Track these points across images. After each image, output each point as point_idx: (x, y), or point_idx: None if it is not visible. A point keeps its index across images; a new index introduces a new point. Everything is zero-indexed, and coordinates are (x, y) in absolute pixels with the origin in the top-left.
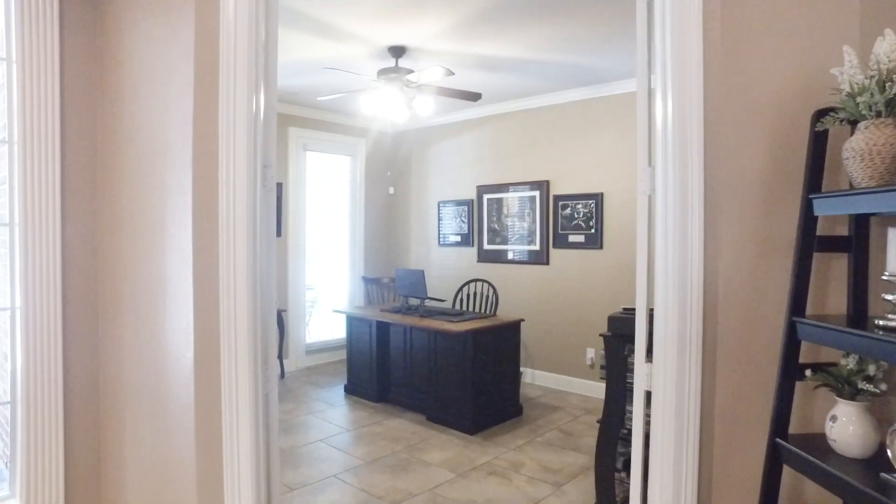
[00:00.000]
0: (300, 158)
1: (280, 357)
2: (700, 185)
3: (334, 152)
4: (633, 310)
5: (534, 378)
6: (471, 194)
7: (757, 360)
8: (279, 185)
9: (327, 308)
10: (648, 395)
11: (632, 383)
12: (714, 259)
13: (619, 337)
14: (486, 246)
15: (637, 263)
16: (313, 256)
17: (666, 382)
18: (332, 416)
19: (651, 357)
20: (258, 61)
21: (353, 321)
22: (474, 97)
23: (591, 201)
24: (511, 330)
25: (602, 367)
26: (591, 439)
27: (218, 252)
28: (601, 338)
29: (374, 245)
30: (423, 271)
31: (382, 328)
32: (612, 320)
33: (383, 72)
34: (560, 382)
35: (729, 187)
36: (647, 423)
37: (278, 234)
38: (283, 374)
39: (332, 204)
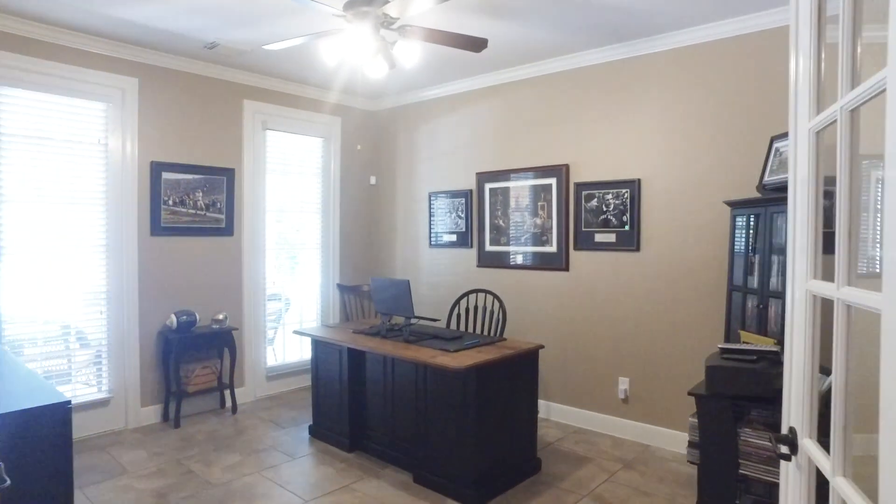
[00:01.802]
0: (258, 139)
1: (230, 386)
2: None
3: (303, 133)
4: (746, 352)
5: (549, 412)
6: (469, 183)
7: None
8: (229, 172)
9: (295, 323)
10: None
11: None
12: None
13: (726, 399)
14: (489, 247)
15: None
16: (276, 260)
17: None
18: (289, 475)
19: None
20: None
21: (319, 346)
22: (478, 45)
23: (624, 190)
24: (527, 362)
25: (690, 444)
26: None
27: None
28: (693, 396)
29: (351, 246)
30: (407, 282)
31: (356, 357)
32: (716, 372)
33: (352, 4)
34: (584, 419)
35: None
36: None
37: (229, 232)
38: (234, 409)
39: (301, 196)
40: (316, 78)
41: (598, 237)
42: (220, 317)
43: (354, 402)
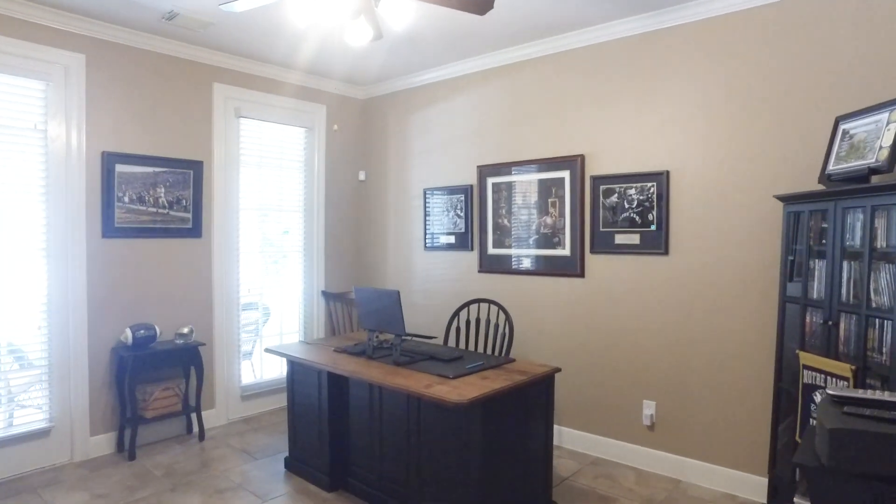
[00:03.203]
0: (231, 128)
1: (197, 410)
2: None
3: (282, 121)
4: (877, 403)
5: (562, 439)
6: (469, 178)
7: None
8: (196, 165)
9: (274, 335)
10: None
11: None
12: None
13: (860, 479)
14: (492, 250)
15: None
16: (252, 264)
17: None
18: None
19: None
20: None
21: (295, 366)
22: (482, 5)
23: (650, 184)
24: (541, 389)
25: None
26: None
27: None
28: (800, 467)
29: (338, 248)
30: (396, 294)
31: (337, 382)
32: (846, 439)
33: None
34: (602, 448)
35: None
36: None
37: (197, 233)
38: (201, 435)
39: (280, 192)
40: (295, 59)
41: (619, 238)
42: (185, 330)
43: (336, 432)
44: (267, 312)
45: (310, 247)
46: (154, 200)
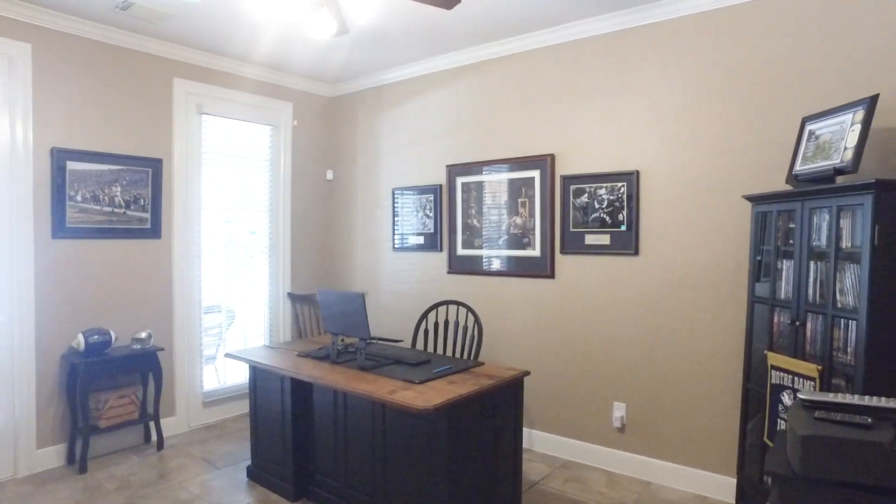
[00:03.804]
0: (193, 125)
1: (155, 418)
2: None
3: (247, 119)
4: (848, 408)
5: (532, 442)
6: (439, 178)
7: None
8: (155, 163)
9: (239, 339)
10: None
11: None
12: None
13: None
14: (461, 251)
15: None
16: (216, 266)
17: None
18: None
19: None
20: None
21: (258, 372)
22: (449, 0)
23: (620, 184)
24: (509, 393)
25: None
26: None
27: None
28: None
29: (305, 249)
30: (361, 297)
31: (300, 388)
32: (819, 446)
33: None
34: (573, 451)
35: None
36: None
37: (156, 234)
38: (160, 444)
39: (245, 192)
40: (257, 53)
41: (590, 239)
42: (143, 335)
43: (300, 439)
44: (231, 315)
45: (276, 248)
46: (110, 199)
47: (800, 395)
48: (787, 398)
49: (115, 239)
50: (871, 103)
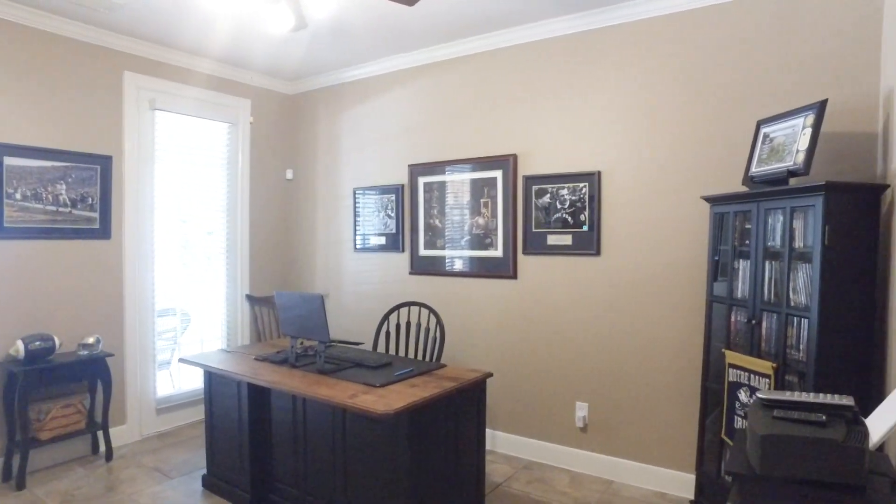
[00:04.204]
0: (145, 120)
1: (104, 427)
2: None
3: (203, 115)
4: (805, 406)
5: (495, 443)
6: (401, 178)
7: None
8: (105, 160)
9: (195, 342)
10: None
11: None
12: None
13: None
14: (423, 251)
15: None
16: (170, 267)
17: None
18: None
19: None
20: None
21: (213, 377)
22: None
23: (582, 185)
24: (472, 395)
25: None
26: None
27: None
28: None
29: (264, 250)
30: (320, 298)
31: (258, 393)
32: (778, 446)
33: None
34: (536, 451)
35: None
36: None
37: (105, 234)
38: (109, 455)
39: (201, 191)
40: (212, 47)
41: (552, 239)
42: (91, 340)
43: (257, 446)
44: (187, 318)
45: (233, 248)
46: (54, 198)
47: (758, 395)
48: (744, 395)
49: (60, 240)
50: (820, 108)
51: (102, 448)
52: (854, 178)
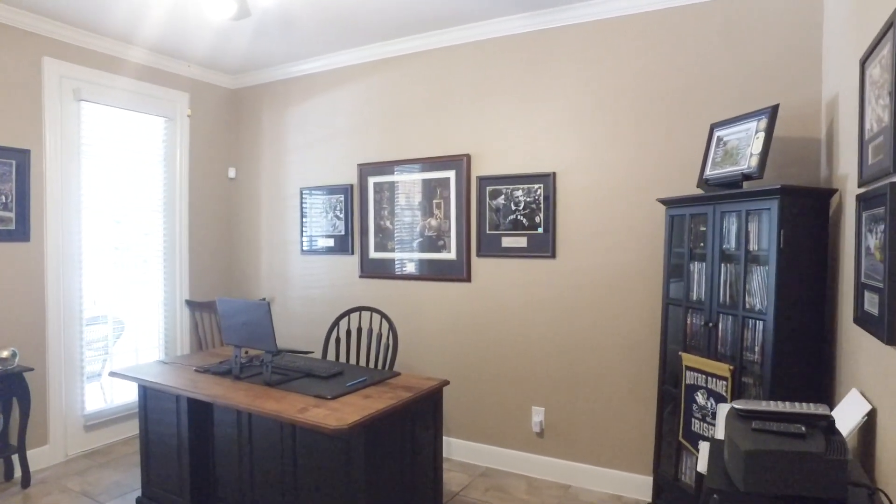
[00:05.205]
0: (69, 112)
1: (20, 450)
2: None
3: (136, 109)
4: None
5: (451, 451)
6: (350, 177)
7: None
8: (21, 154)
9: (129, 352)
10: None
11: None
12: None
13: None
14: (374, 254)
15: None
16: (101, 271)
17: None
18: None
19: None
20: None
21: (148, 392)
22: None
23: (536, 186)
24: (428, 405)
25: None
26: None
27: None
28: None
29: (205, 253)
30: (266, 305)
31: (199, 407)
32: (762, 461)
33: None
34: (492, 458)
35: None
36: None
37: (23, 236)
38: (26, 480)
39: (135, 190)
40: (144, 33)
41: (506, 241)
42: (5, 354)
43: (199, 465)
44: (120, 326)
45: (172, 250)
46: None
47: (734, 405)
48: (701, 398)
49: None
50: (773, 112)
51: (17, 474)
52: (800, 181)
